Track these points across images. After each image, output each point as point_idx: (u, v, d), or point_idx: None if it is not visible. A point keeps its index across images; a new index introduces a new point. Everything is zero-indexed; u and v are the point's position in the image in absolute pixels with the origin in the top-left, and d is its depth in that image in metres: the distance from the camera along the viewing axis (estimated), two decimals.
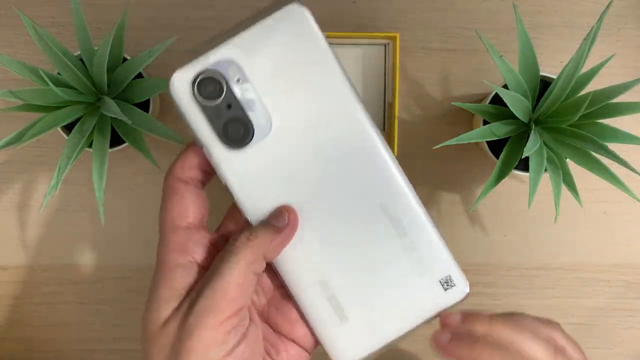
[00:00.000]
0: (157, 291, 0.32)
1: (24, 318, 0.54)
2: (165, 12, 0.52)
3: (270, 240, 0.32)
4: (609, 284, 0.54)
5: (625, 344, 0.55)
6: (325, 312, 0.34)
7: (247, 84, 0.31)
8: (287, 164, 0.32)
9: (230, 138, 0.32)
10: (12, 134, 0.43)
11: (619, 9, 0.53)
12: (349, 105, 0.32)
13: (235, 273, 0.30)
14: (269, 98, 0.31)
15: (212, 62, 0.31)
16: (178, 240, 0.32)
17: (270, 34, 0.31)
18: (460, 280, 0.34)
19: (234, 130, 0.32)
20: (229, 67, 0.31)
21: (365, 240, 0.33)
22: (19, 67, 0.43)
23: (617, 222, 0.54)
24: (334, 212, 0.33)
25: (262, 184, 0.32)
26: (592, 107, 0.42)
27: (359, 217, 0.33)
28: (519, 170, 0.47)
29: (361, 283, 0.34)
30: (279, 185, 0.32)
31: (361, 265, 0.33)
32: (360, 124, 0.32)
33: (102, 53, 0.42)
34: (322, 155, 0.32)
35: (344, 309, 0.34)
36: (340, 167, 0.32)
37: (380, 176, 0.33)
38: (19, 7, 0.45)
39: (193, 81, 0.31)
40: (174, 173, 0.34)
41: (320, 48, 0.31)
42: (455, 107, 0.53)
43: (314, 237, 0.33)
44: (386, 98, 0.51)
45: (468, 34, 0.53)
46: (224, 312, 0.30)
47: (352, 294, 0.34)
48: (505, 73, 0.44)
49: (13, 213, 0.53)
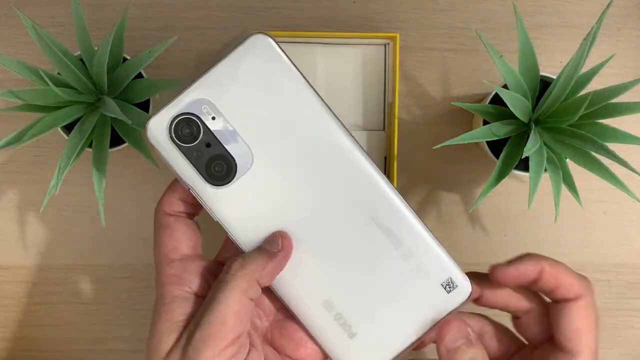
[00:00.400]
0: (157, 324, 0.32)
1: (24, 318, 0.54)
2: (165, 12, 0.52)
3: (264, 266, 0.32)
4: (609, 284, 0.54)
5: (625, 344, 0.55)
6: (334, 331, 0.34)
7: (222, 119, 0.32)
8: (274, 192, 0.33)
9: (214, 176, 0.32)
10: (12, 134, 0.43)
11: (618, 9, 0.53)
12: (323, 124, 0.32)
13: (231, 302, 0.31)
14: (245, 130, 0.32)
15: (185, 104, 0.31)
16: (173, 273, 0.33)
17: (237, 67, 0.31)
18: (461, 281, 0.34)
19: (216, 167, 0.32)
20: (202, 106, 0.31)
21: (363, 255, 0.33)
22: (19, 67, 0.43)
23: (617, 222, 0.54)
24: (327, 232, 0.33)
25: (252, 214, 0.33)
26: (592, 107, 0.42)
27: (352, 233, 0.33)
28: (519, 170, 0.47)
29: (365, 298, 0.34)
30: (270, 213, 0.33)
31: (362, 280, 0.34)
32: (337, 141, 0.32)
33: (102, 53, 0.42)
34: (306, 178, 0.33)
35: (351, 325, 0.34)
36: (325, 187, 0.33)
37: (368, 191, 0.33)
38: (19, 7, 0.45)
39: (169, 126, 0.32)
40: (162, 208, 0.34)
41: (288, 72, 0.32)
42: (455, 107, 0.53)
43: (311, 259, 0.33)
44: (386, 98, 0.51)
45: (468, 34, 0.53)
46: (222, 342, 0.30)
47: (358, 310, 0.34)
48: (505, 73, 0.44)
49: (13, 213, 0.53)
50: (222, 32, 0.52)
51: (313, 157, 0.32)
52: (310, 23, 0.53)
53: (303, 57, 0.51)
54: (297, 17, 0.53)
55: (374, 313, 0.34)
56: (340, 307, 0.34)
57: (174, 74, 0.52)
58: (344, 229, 0.33)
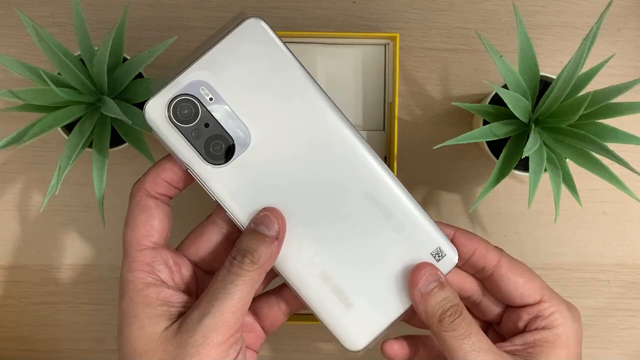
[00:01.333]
0: (134, 310, 0.32)
1: (24, 318, 0.54)
2: (165, 12, 0.52)
3: (270, 256, 0.33)
4: (609, 284, 0.54)
5: (625, 344, 0.55)
6: (332, 303, 0.35)
7: (221, 101, 0.33)
8: (270, 171, 0.34)
9: (213, 155, 0.33)
10: (13, 134, 0.43)
11: (618, 9, 0.53)
12: (316, 104, 0.34)
13: (244, 294, 0.32)
14: (243, 111, 0.33)
15: (183, 86, 0.32)
16: (145, 261, 0.33)
17: (234, 50, 0.32)
18: (449, 250, 0.36)
19: (215, 147, 0.33)
20: (200, 88, 0.32)
21: (356, 228, 0.35)
22: (19, 67, 0.43)
23: (617, 222, 0.54)
24: (322, 207, 0.35)
25: (250, 193, 0.34)
26: (592, 107, 0.42)
27: (346, 208, 0.35)
28: (518, 170, 0.47)
29: (360, 269, 0.35)
30: (267, 192, 0.34)
31: (357, 252, 0.35)
32: (331, 120, 0.34)
33: (102, 53, 0.42)
34: (302, 157, 0.34)
35: (348, 296, 0.35)
36: (320, 165, 0.34)
37: (361, 167, 0.34)
38: (19, 7, 0.45)
39: (167, 107, 0.33)
40: (144, 187, 0.34)
41: (281, 55, 0.33)
42: (455, 107, 0.53)
43: (307, 233, 0.35)
44: (386, 98, 0.51)
45: (468, 34, 0.53)
46: (230, 330, 0.31)
47: (354, 280, 0.35)
48: (505, 73, 0.44)
49: (13, 213, 0.53)
50: None
51: (308, 136, 0.34)
52: (310, 23, 0.53)
53: (303, 57, 0.51)
54: (297, 17, 0.53)
55: (369, 282, 0.36)
56: (337, 278, 0.35)
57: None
58: (339, 204, 0.35)
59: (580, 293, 0.54)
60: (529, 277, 0.37)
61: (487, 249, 0.37)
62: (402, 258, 0.35)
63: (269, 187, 0.34)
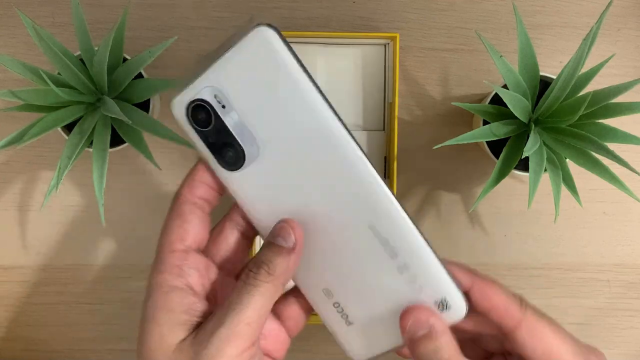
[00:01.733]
0: (156, 315, 0.32)
1: (24, 318, 0.54)
2: (165, 12, 0.52)
3: (287, 268, 0.32)
4: (608, 284, 0.54)
5: (625, 344, 0.55)
6: (334, 315, 0.35)
7: (231, 109, 0.32)
8: (278, 185, 0.33)
9: (226, 161, 0.33)
10: (13, 134, 0.43)
11: (618, 9, 0.53)
12: (325, 122, 0.32)
13: (259, 305, 0.31)
14: (253, 121, 0.33)
15: (198, 90, 0.32)
16: (175, 263, 0.33)
17: (243, 59, 0.32)
18: (457, 302, 0.33)
19: (227, 154, 0.33)
20: (213, 94, 0.32)
21: (359, 259, 0.33)
22: (19, 67, 0.43)
23: (617, 222, 0.54)
24: (328, 230, 0.33)
25: (263, 200, 0.34)
26: (592, 107, 0.42)
27: (350, 238, 0.33)
28: (518, 170, 0.47)
29: (360, 295, 0.34)
30: (277, 203, 0.33)
31: (358, 282, 0.34)
32: (339, 142, 0.32)
33: (102, 53, 0.42)
34: (308, 175, 0.33)
35: (348, 315, 0.35)
36: (326, 186, 0.33)
37: (367, 197, 0.32)
38: (19, 7, 0.45)
39: (187, 108, 0.33)
40: (182, 193, 0.34)
41: (289, 67, 0.32)
42: (455, 107, 0.53)
43: (313, 250, 0.34)
44: (386, 98, 0.51)
45: (468, 34, 0.53)
46: (245, 342, 0.30)
47: (353, 304, 0.34)
48: (505, 73, 0.44)
49: (13, 213, 0.53)
50: (222, 32, 0.52)
51: (316, 156, 0.33)
52: (310, 23, 0.53)
53: (303, 57, 0.51)
54: (297, 17, 0.53)
55: (368, 310, 0.34)
56: (338, 297, 0.34)
57: (174, 74, 0.52)
58: (342, 232, 0.33)
59: (580, 293, 0.54)
60: (556, 343, 0.33)
61: (507, 306, 0.32)
62: (404, 298, 0.33)
63: (277, 200, 0.33)
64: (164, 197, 0.53)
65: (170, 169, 0.53)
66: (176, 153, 0.53)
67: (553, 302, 0.54)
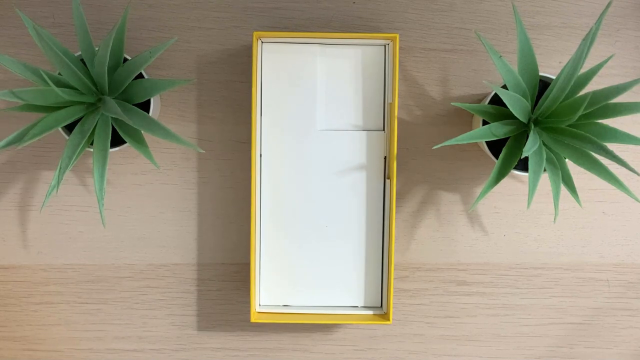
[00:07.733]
0: None
1: (24, 318, 0.54)
2: (165, 12, 0.52)
3: None
4: (608, 284, 0.54)
5: (624, 344, 0.55)
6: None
7: None
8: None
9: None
10: (14, 134, 0.43)
11: (618, 9, 0.53)
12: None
13: None
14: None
15: None
16: None
17: None
18: None
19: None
20: None
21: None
22: (20, 68, 0.43)
23: (616, 222, 0.54)
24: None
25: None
26: (591, 107, 0.42)
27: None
28: (518, 170, 0.47)
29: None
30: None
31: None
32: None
33: (103, 53, 0.42)
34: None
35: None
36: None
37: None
38: (19, 8, 0.45)
39: None
40: None
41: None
42: (455, 107, 0.53)
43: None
44: (386, 98, 0.51)
45: (468, 34, 0.53)
46: None
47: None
48: (504, 73, 0.44)
49: (13, 213, 0.53)
50: (222, 32, 0.53)
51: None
52: (310, 23, 0.53)
53: (303, 57, 0.51)
54: (297, 17, 0.53)
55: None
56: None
57: (174, 74, 0.52)
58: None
59: (580, 293, 0.54)
60: None
61: None
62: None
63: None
64: (164, 197, 0.53)
65: (170, 169, 0.53)
66: (176, 153, 0.53)
67: (552, 301, 0.54)
